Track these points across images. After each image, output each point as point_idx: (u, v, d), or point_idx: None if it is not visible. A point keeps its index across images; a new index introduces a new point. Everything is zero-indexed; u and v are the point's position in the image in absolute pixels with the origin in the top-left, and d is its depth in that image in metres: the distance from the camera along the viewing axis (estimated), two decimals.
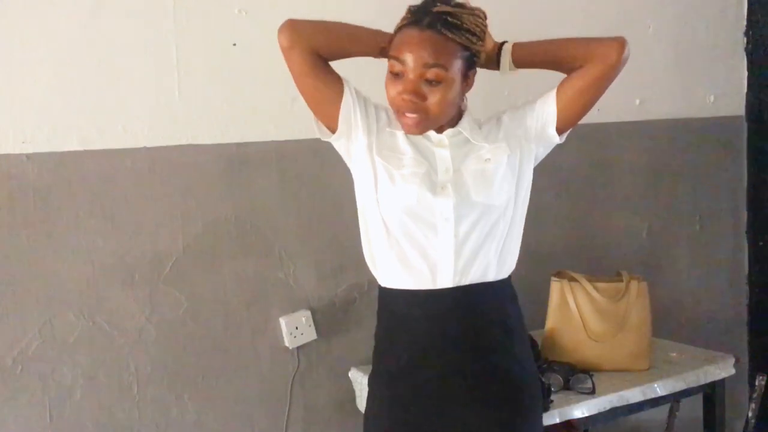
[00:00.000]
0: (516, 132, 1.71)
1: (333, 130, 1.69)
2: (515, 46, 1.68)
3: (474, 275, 1.65)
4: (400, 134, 1.69)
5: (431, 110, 1.60)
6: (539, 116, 1.69)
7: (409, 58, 1.57)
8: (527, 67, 1.70)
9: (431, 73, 1.57)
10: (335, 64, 1.69)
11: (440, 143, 1.68)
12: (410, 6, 1.62)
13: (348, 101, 1.67)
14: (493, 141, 1.69)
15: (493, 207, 1.65)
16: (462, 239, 1.64)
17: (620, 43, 1.63)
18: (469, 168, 1.66)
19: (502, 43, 1.69)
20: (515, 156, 1.69)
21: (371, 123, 1.70)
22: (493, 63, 1.69)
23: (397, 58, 1.58)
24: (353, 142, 1.70)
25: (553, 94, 1.68)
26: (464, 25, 1.58)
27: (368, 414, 1.76)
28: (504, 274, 1.71)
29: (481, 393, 1.66)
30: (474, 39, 1.61)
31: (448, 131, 1.69)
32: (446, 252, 1.64)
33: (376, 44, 1.67)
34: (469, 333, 1.66)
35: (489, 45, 1.67)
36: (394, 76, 1.60)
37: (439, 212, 1.63)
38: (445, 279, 1.65)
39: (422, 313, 1.66)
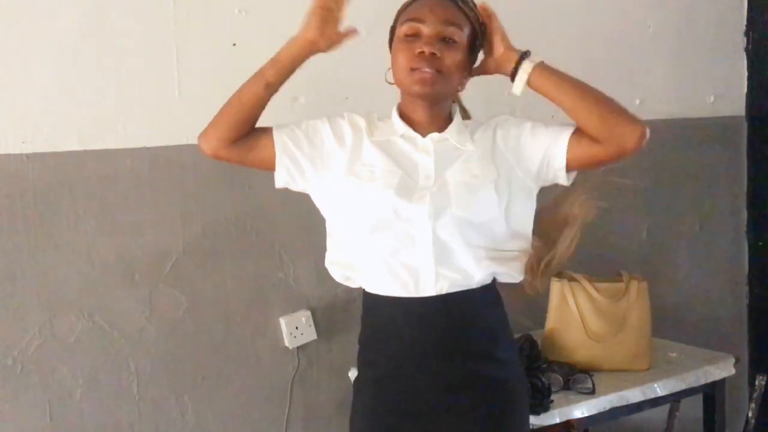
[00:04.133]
0: (508, 157, 1.65)
1: None
2: (538, 69, 1.60)
3: (456, 284, 1.63)
4: (369, 148, 1.66)
5: (446, 68, 1.59)
6: (544, 157, 1.63)
7: (427, 15, 1.59)
8: (539, 93, 1.63)
9: (449, 31, 1.59)
10: None
11: (425, 149, 1.65)
12: None
13: (282, 166, 1.65)
14: (485, 158, 1.65)
15: (473, 223, 1.61)
16: (441, 249, 1.61)
17: (641, 135, 1.56)
18: (455, 177, 1.62)
19: (523, 55, 1.63)
20: (504, 181, 1.64)
21: (325, 156, 1.67)
22: (505, 71, 1.65)
23: (413, 19, 1.60)
24: (302, 188, 1.71)
25: (564, 144, 1.61)
26: (468, 2, 1.63)
27: (353, 420, 1.75)
28: (489, 280, 1.68)
29: (465, 399, 1.64)
30: (477, 20, 1.63)
31: (434, 135, 1.65)
32: (426, 261, 1.61)
33: (258, 85, 1.63)
34: (452, 340, 1.64)
35: (499, 50, 1.64)
36: (408, 39, 1.60)
37: (416, 221, 1.60)
38: (426, 287, 1.62)
39: (405, 320, 1.64)
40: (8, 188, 2.08)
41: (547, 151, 1.62)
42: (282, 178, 1.68)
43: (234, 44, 2.31)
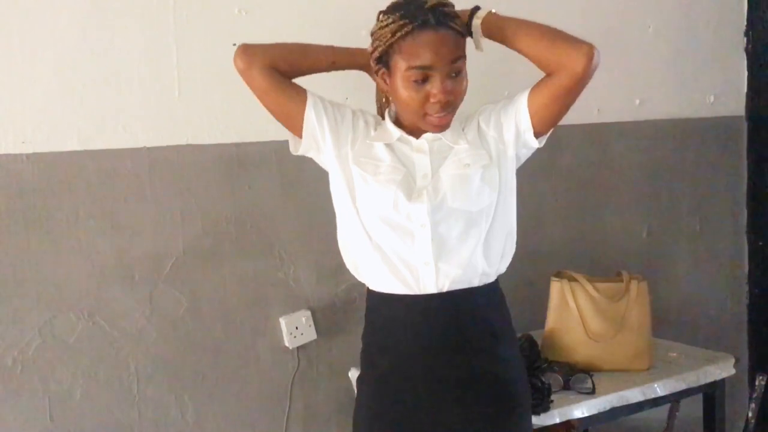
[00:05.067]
0: (492, 135, 1.69)
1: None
2: (488, 17, 1.64)
3: (456, 281, 1.64)
4: (377, 144, 1.68)
5: (458, 101, 1.62)
6: (514, 121, 1.66)
7: (434, 61, 1.56)
8: (498, 42, 1.66)
9: (456, 67, 1.58)
10: None
11: (419, 149, 1.67)
12: (395, 10, 1.59)
13: (310, 117, 1.66)
14: (474, 146, 1.67)
15: (470, 213, 1.63)
16: (440, 245, 1.62)
17: (587, 53, 1.57)
18: (447, 172, 1.65)
19: (473, 12, 1.65)
20: (494, 163, 1.67)
21: (343, 133, 1.69)
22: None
23: (420, 66, 1.56)
24: (322, 154, 1.71)
25: (524, 100, 1.65)
26: (455, 12, 1.61)
27: (356, 418, 1.76)
28: (490, 279, 1.69)
29: (467, 396, 1.65)
30: (461, 23, 1.62)
31: (428, 135, 1.67)
32: (425, 258, 1.63)
33: (326, 59, 1.70)
34: (454, 338, 1.65)
35: None
36: (417, 83, 1.58)
37: (415, 218, 1.62)
38: (427, 285, 1.64)
39: (408, 318, 1.65)
40: (8, 188, 2.08)
41: (516, 115, 1.66)
42: (308, 135, 1.68)
43: (234, 44, 2.29)
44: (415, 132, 1.68)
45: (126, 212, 2.21)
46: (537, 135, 1.66)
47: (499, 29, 1.64)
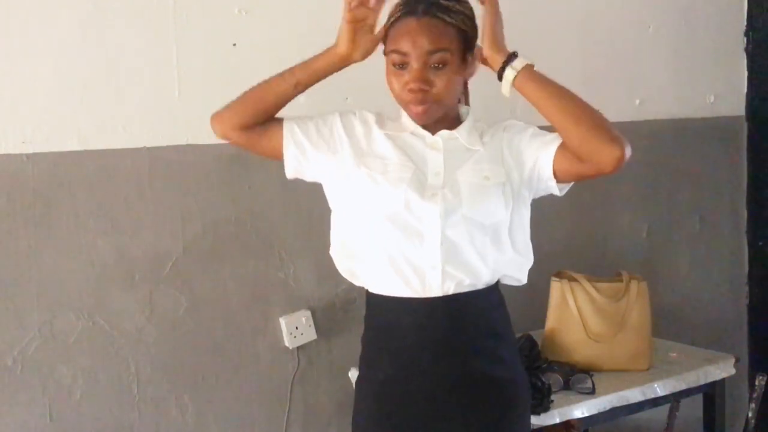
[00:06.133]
0: (510, 161, 1.66)
1: None
2: (522, 78, 1.57)
3: (462, 284, 1.63)
4: (382, 142, 1.66)
5: (439, 95, 1.59)
6: (535, 168, 1.63)
7: (410, 48, 1.56)
8: (523, 96, 1.60)
9: (435, 59, 1.56)
10: None
11: (434, 145, 1.66)
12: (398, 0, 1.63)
13: (290, 151, 1.67)
14: (494, 161, 1.65)
15: (482, 224, 1.62)
16: (448, 249, 1.61)
17: (620, 157, 1.53)
18: (466, 178, 1.63)
19: (509, 58, 1.59)
20: (509, 185, 1.65)
21: (335, 143, 1.67)
22: (493, 69, 1.62)
23: (397, 51, 1.57)
24: (308, 177, 1.72)
25: (550, 156, 1.61)
26: (456, 7, 1.59)
27: (356, 422, 1.75)
28: (493, 281, 1.69)
29: (469, 399, 1.65)
30: (468, 21, 1.60)
31: (443, 133, 1.66)
32: (433, 261, 1.61)
33: (288, 84, 1.64)
34: (456, 341, 1.64)
35: (486, 52, 1.60)
36: (398, 68, 1.58)
37: (426, 219, 1.60)
38: (432, 287, 1.62)
39: (411, 321, 1.64)
40: (8, 188, 2.08)
41: (537, 161, 1.63)
42: (291, 167, 1.70)
43: (234, 44, 2.31)
44: (431, 127, 1.67)
45: (126, 212, 2.21)
46: (558, 184, 1.65)
47: (533, 92, 1.58)
